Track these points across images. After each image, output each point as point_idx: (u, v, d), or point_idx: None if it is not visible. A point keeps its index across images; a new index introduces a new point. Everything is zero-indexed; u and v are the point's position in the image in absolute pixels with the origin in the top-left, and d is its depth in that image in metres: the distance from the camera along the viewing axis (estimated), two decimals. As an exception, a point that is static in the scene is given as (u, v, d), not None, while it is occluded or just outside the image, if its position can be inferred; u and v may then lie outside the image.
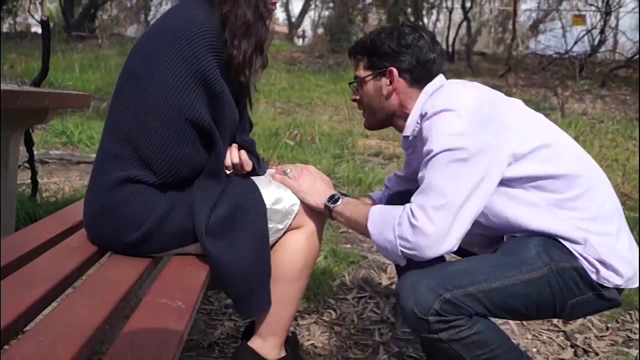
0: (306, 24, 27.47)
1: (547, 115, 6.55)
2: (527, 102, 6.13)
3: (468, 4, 15.17)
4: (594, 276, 1.49)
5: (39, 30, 22.21)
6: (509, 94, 9.39)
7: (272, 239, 1.59)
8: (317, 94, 9.28)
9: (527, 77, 10.59)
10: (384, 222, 1.52)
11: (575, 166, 1.56)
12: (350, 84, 1.83)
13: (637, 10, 14.48)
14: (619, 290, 1.53)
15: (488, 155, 1.46)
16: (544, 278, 1.48)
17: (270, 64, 1.74)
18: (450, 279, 1.45)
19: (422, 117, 1.60)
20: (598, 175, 1.62)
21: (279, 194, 1.62)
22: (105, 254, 1.50)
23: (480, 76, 11.91)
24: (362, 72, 1.77)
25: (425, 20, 18.39)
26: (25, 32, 19.01)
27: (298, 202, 1.63)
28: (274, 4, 1.61)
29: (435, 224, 1.42)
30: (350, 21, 17.07)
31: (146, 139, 1.44)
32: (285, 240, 1.64)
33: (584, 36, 12.93)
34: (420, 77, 1.71)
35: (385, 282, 2.70)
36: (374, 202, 1.99)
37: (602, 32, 13.02)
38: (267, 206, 1.56)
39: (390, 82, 1.72)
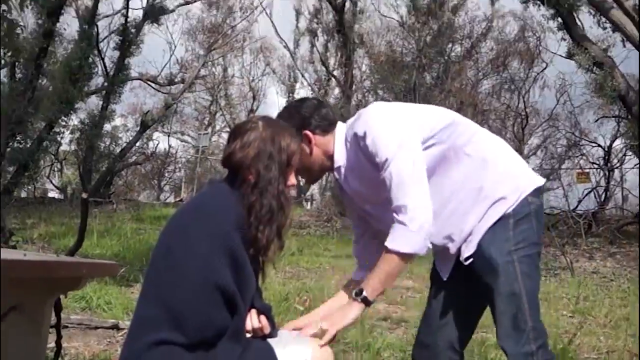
0: (314, 188, 28.37)
1: (556, 275, 6.59)
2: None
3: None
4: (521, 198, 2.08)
5: (57, 195, 23.00)
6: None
7: None
8: (326, 259, 9.42)
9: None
10: (397, 240, 1.96)
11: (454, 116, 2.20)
12: None
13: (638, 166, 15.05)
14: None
15: (408, 144, 2.03)
16: (521, 261, 2.03)
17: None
18: (519, 333, 1.98)
19: (349, 140, 2.15)
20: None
21: (291, 352, 1.78)
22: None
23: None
24: None
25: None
26: (43, 198, 19.77)
27: (308, 357, 1.79)
28: (291, 189, 1.93)
29: (412, 201, 1.95)
30: (358, 185, 17.65)
31: (179, 305, 1.66)
32: None
33: (588, 194, 13.30)
34: (327, 126, 2.20)
35: None
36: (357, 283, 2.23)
37: (606, 189, 13.40)
38: None
39: (309, 142, 2.17)
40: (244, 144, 1.85)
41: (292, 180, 1.92)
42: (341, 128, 2.22)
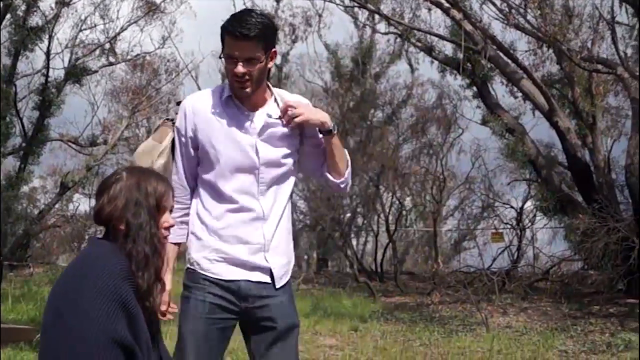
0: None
1: (472, 330, 6.90)
2: (454, 318, 6.57)
3: (392, 227, 16.05)
4: None
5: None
6: (435, 311, 9.62)
7: None
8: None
9: (452, 294, 11.04)
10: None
11: None
12: (241, 61, 2.18)
13: (549, 226, 15.76)
14: None
15: None
16: None
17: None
18: None
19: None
20: None
21: None
22: None
23: (408, 295, 12.37)
24: (259, 54, 2.18)
25: (354, 242, 19.21)
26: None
27: None
28: (168, 230, 1.98)
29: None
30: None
31: None
32: None
33: (502, 252, 13.79)
34: None
35: None
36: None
37: (518, 248, 13.94)
38: None
39: (272, 59, 2.27)
40: (110, 197, 1.87)
41: (168, 220, 1.95)
42: None
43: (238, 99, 2.29)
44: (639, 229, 9.39)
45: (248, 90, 2.22)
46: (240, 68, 2.17)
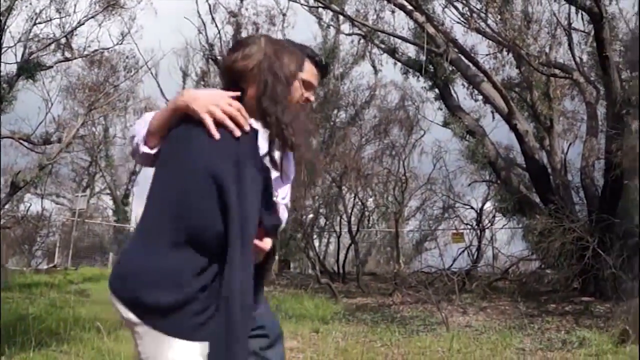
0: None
1: (432, 330, 6.98)
2: (415, 319, 6.63)
3: (354, 228, 16.11)
4: None
5: None
6: (397, 312, 9.68)
7: None
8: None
9: (413, 295, 11.15)
10: None
11: None
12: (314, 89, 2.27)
13: (507, 226, 16.02)
14: None
15: None
16: None
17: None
18: None
19: None
20: None
21: None
22: None
23: (370, 296, 12.44)
24: None
25: (316, 243, 19.23)
26: None
27: None
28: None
29: None
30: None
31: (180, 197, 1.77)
32: None
33: (462, 253, 13.98)
34: None
35: None
36: None
37: (478, 248, 14.16)
38: None
39: None
40: (245, 54, 1.90)
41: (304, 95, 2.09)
42: None
43: None
44: (593, 229, 9.62)
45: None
46: (313, 97, 2.26)
